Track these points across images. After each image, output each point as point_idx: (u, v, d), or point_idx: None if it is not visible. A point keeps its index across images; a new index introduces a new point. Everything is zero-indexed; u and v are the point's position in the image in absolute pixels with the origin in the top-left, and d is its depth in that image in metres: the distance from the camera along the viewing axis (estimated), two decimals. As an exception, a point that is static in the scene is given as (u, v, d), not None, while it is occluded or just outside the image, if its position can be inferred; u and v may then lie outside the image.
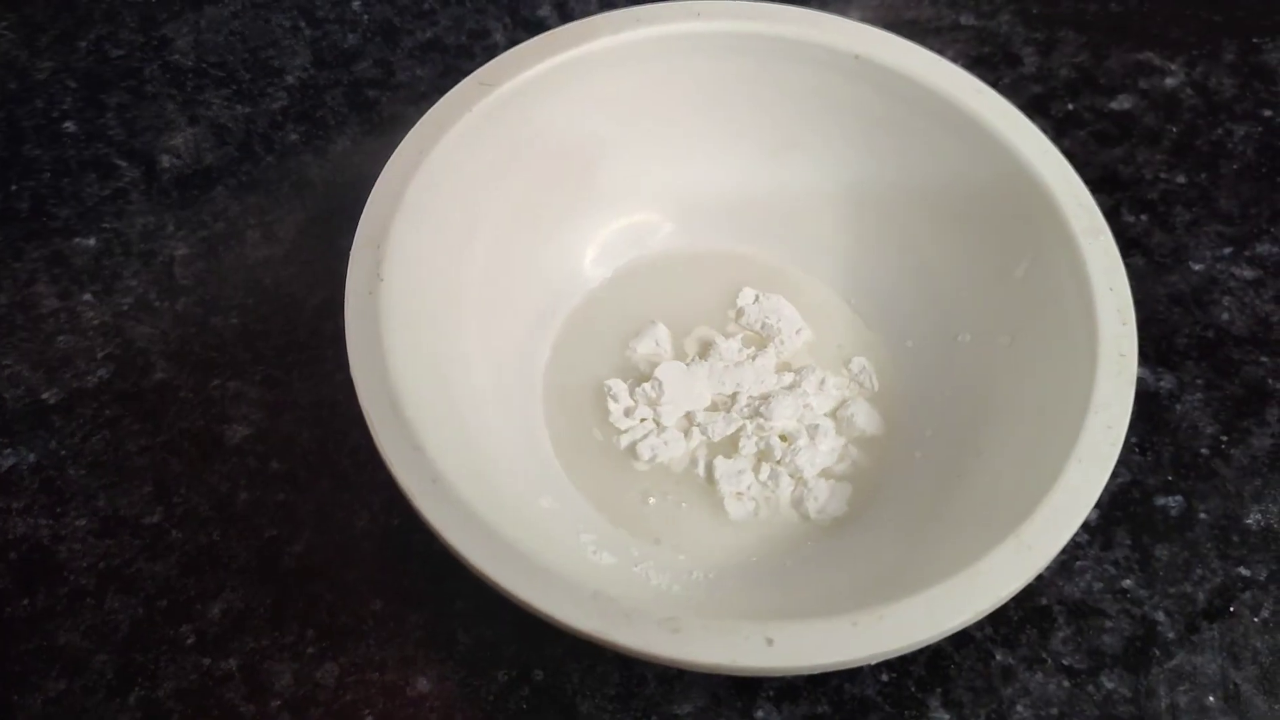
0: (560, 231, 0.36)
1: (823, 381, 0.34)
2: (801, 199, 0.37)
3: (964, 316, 0.34)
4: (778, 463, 0.33)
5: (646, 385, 0.34)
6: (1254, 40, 0.45)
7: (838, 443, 0.33)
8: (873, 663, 0.24)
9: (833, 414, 0.34)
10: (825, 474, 0.33)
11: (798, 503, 0.32)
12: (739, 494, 0.32)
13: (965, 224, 0.34)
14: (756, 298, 0.36)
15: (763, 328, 0.35)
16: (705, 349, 0.35)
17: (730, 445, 0.33)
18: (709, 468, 0.33)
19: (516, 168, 0.34)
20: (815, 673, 0.25)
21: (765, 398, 0.34)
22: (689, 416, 0.34)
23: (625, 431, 0.34)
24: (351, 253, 0.29)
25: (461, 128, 0.31)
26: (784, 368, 0.35)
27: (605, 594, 0.24)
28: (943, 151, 0.33)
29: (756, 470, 0.33)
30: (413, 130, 0.31)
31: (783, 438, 0.33)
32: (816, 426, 0.33)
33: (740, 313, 0.36)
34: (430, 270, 0.31)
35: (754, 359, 0.35)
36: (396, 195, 0.30)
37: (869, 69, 0.34)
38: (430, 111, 0.32)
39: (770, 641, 0.24)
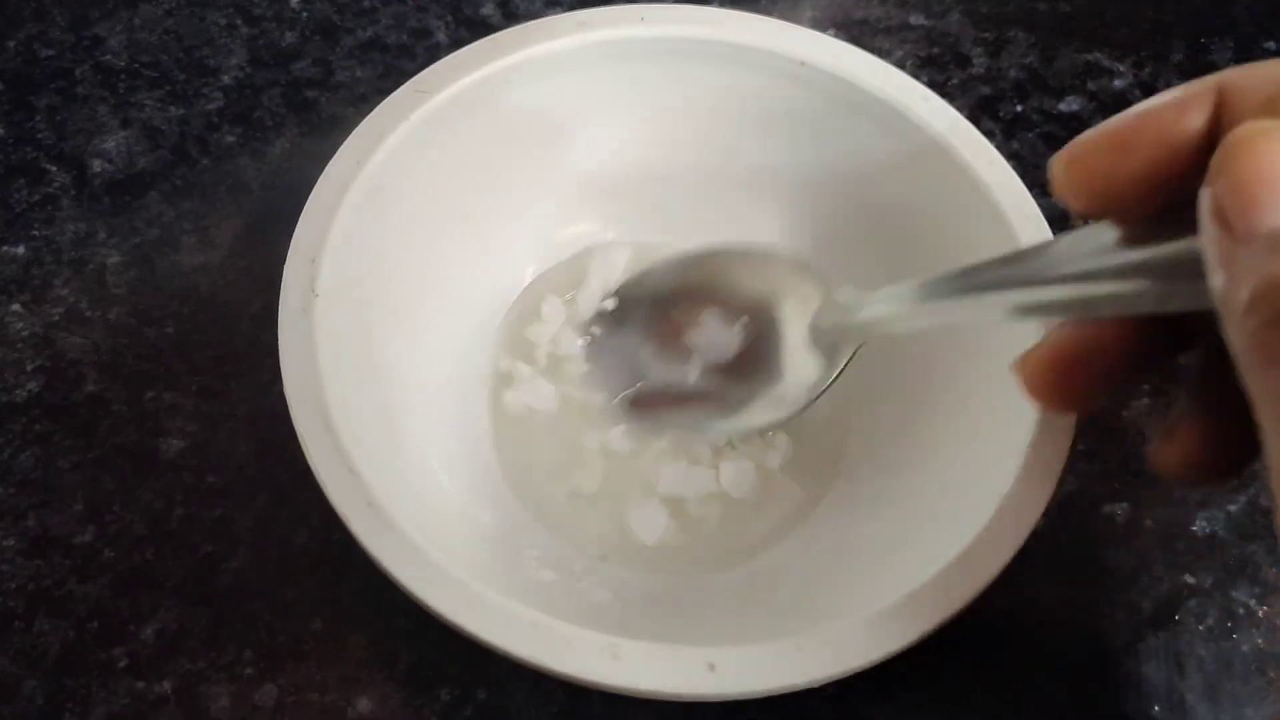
0: (500, 242, 0.35)
1: None
2: (746, 207, 0.36)
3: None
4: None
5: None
6: (1202, 40, 0.45)
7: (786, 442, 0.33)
8: (815, 686, 0.24)
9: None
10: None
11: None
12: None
13: (914, 235, 0.33)
14: None
15: None
16: None
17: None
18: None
19: (454, 178, 0.33)
20: (758, 697, 0.24)
21: None
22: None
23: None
24: (285, 269, 0.28)
25: (398, 137, 0.31)
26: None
27: (544, 622, 0.24)
28: (888, 161, 0.33)
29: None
30: (348, 140, 0.30)
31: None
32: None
33: None
34: (368, 283, 0.30)
35: None
36: (331, 208, 0.29)
37: (815, 75, 0.33)
38: (366, 121, 0.31)
39: (712, 667, 0.24)
